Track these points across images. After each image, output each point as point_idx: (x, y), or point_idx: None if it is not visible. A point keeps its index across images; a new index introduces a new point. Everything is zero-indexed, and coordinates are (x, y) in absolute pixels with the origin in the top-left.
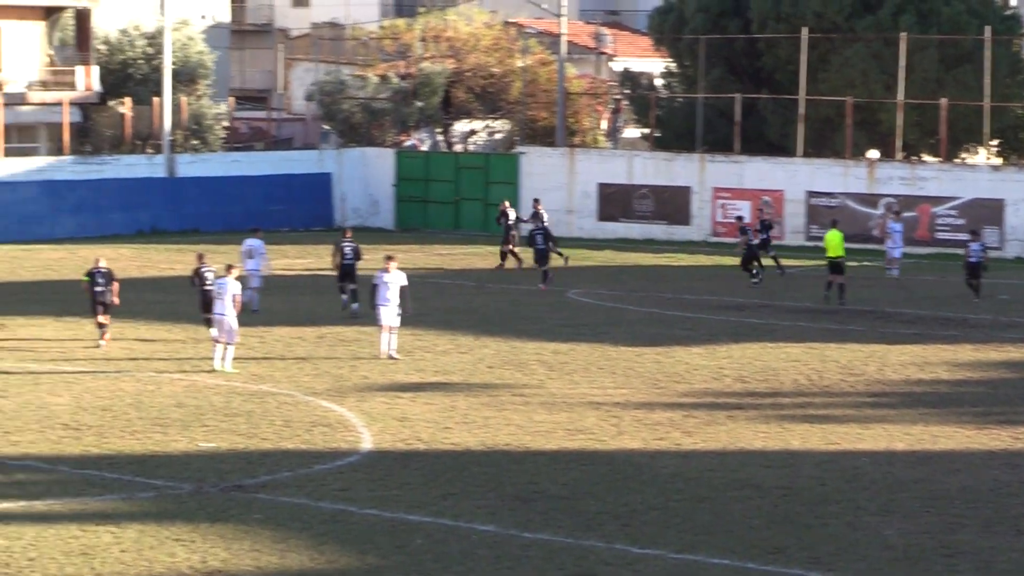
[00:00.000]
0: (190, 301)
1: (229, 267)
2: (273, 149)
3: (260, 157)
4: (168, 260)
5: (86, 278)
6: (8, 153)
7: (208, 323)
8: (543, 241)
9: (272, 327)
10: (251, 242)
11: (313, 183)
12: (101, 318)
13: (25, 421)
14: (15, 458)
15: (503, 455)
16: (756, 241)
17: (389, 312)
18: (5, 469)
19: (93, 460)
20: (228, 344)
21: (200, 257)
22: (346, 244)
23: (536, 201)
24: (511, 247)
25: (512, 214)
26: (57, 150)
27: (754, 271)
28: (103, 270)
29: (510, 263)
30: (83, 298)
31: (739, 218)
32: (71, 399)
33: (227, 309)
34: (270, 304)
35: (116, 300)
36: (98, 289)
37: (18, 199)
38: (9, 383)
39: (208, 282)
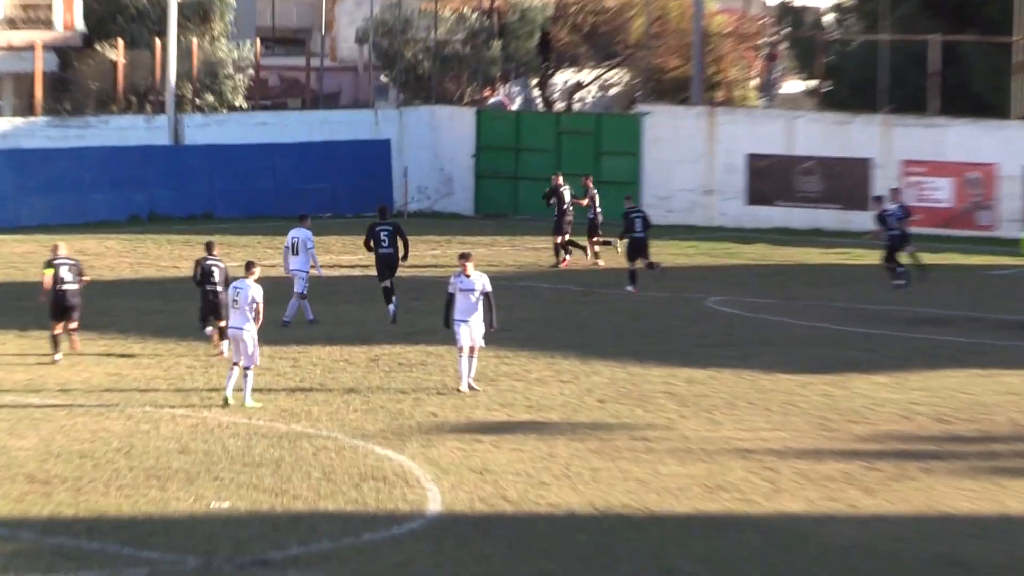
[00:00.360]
0: (194, 309)
1: (249, 265)
2: (313, 108)
3: (295, 118)
4: (171, 256)
5: (48, 269)
6: None
7: (220, 335)
8: (642, 227)
9: (309, 345)
10: (297, 233)
11: (366, 153)
12: (63, 326)
13: None
14: None
15: (618, 520)
16: (898, 232)
17: (470, 328)
18: None
19: (67, 524)
20: (247, 368)
21: (209, 247)
22: (382, 228)
23: (556, 174)
24: (565, 237)
25: (568, 194)
26: (26, 109)
27: (898, 269)
28: (68, 260)
29: (580, 257)
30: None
31: (877, 198)
32: (38, 442)
33: (245, 321)
34: (302, 316)
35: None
36: (64, 288)
37: None
38: None
39: (214, 279)
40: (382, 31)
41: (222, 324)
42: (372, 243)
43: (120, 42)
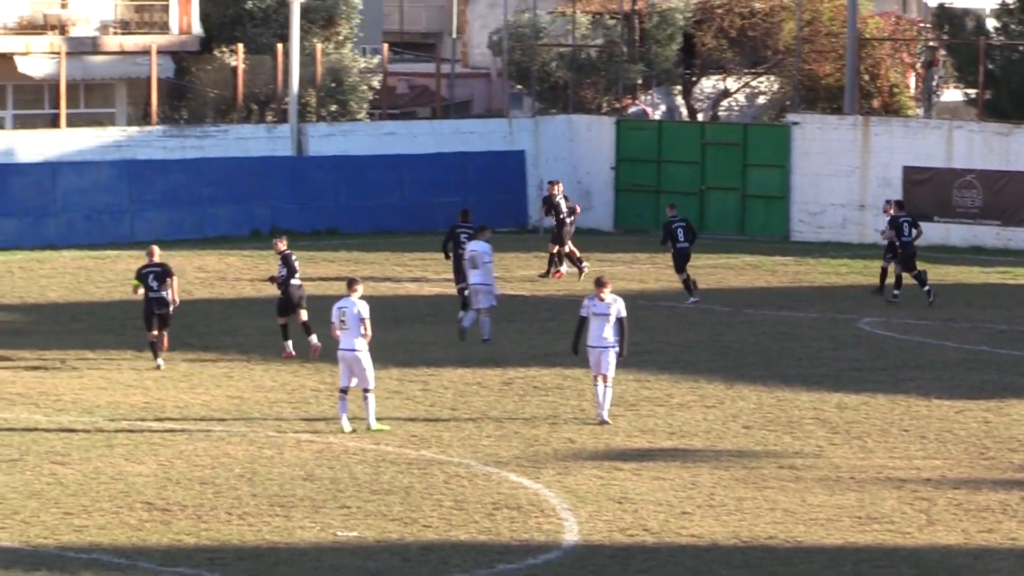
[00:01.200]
0: (321, 328)
1: (351, 283)
2: (444, 117)
3: (425, 128)
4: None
5: (136, 281)
6: (73, 122)
7: (285, 333)
8: (685, 237)
9: (440, 368)
10: (475, 246)
11: (499, 165)
12: (156, 332)
13: (94, 498)
14: (80, 549)
15: (764, 553)
16: (910, 237)
17: (602, 356)
18: (66, 564)
19: (187, 554)
20: (365, 391)
21: (279, 242)
22: (463, 231)
23: (552, 184)
24: (565, 248)
25: (564, 204)
26: (141, 118)
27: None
28: (156, 267)
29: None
30: (179, 325)
31: (890, 202)
32: (157, 468)
33: (356, 339)
34: (435, 337)
35: (176, 299)
36: (153, 295)
37: (86, 186)
38: (72, 445)
39: (279, 278)
40: (517, 36)
41: (281, 321)
42: (452, 246)
43: (240, 47)
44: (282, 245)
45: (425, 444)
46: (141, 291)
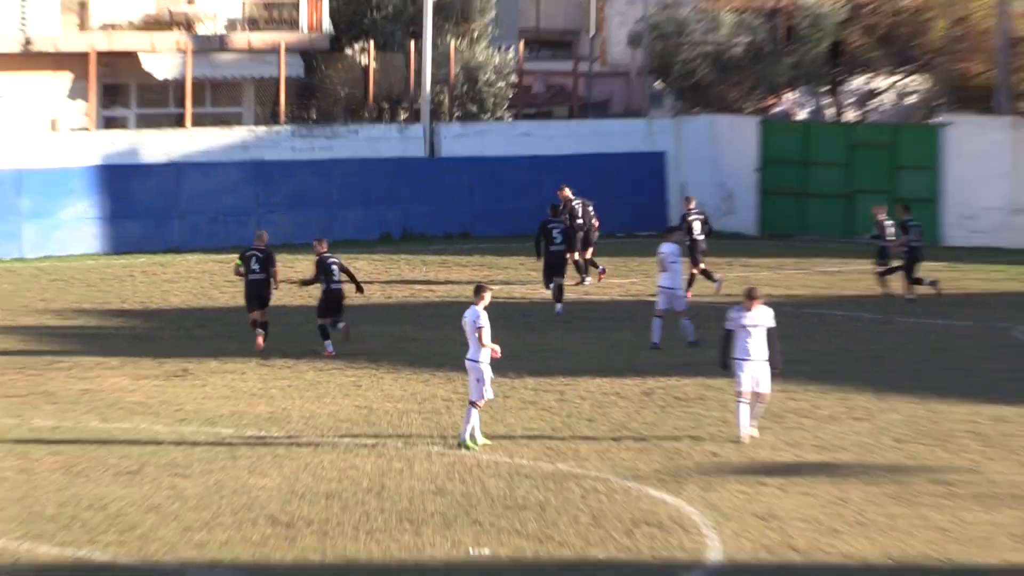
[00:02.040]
0: (455, 336)
1: (478, 290)
2: (581, 117)
3: (562, 129)
4: (425, 277)
5: (239, 261)
6: (199, 121)
7: (325, 333)
8: (701, 230)
9: (577, 377)
10: (663, 248)
11: (639, 167)
12: (260, 313)
13: (215, 512)
14: (201, 566)
15: (918, 572)
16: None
17: (752, 371)
18: None
19: (313, 571)
20: (472, 404)
21: (320, 243)
22: (554, 225)
23: (560, 189)
24: (586, 254)
25: (580, 208)
26: (269, 117)
27: (929, 281)
28: (260, 251)
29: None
30: (303, 331)
31: (905, 206)
32: (282, 481)
33: (477, 351)
34: (571, 345)
35: (277, 284)
36: (253, 277)
37: (212, 188)
38: (193, 457)
39: (334, 278)
40: (658, 33)
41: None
42: (543, 241)
43: (371, 44)
44: (322, 248)
45: (561, 457)
46: (242, 270)
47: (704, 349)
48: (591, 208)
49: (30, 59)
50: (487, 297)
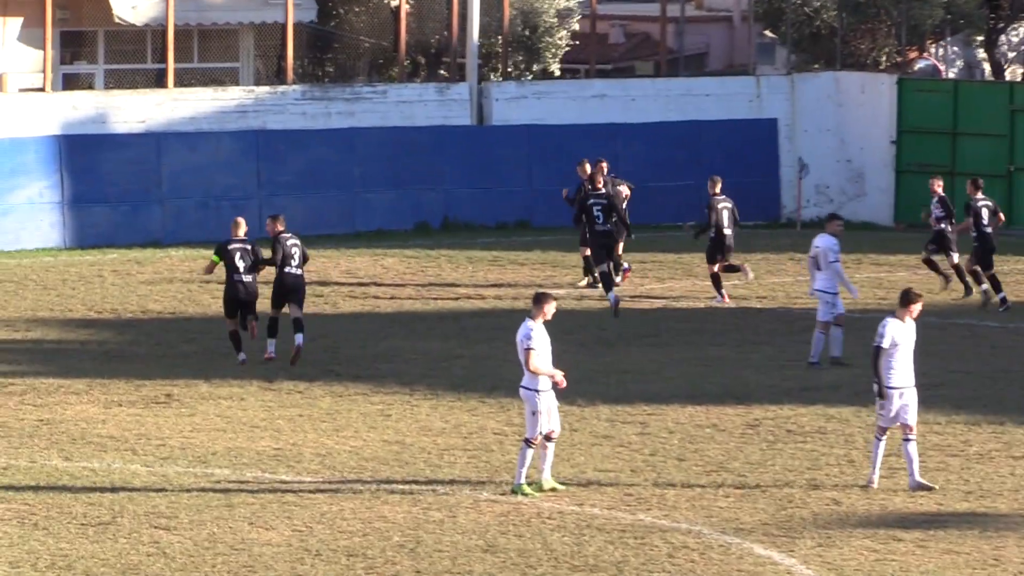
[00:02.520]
0: (509, 353)
1: (540, 299)
2: (671, 74)
3: (646, 88)
4: (472, 279)
5: (215, 257)
6: (185, 80)
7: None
8: (730, 220)
9: (663, 405)
10: (821, 242)
11: (743, 137)
12: (237, 323)
13: (207, 575)
14: None
15: None
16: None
17: (906, 399)
18: None
19: None
20: (547, 439)
21: (275, 220)
22: (595, 201)
23: (596, 163)
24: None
25: (625, 190)
26: (273, 75)
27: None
28: (243, 243)
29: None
30: (316, 347)
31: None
32: (291, 535)
33: (535, 378)
34: (656, 365)
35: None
36: (239, 278)
37: (202, 164)
38: (180, 504)
39: (294, 261)
40: None
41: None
42: (584, 219)
43: None
44: (277, 226)
45: (643, 505)
46: (217, 270)
47: (830, 368)
48: (624, 190)
49: None
50: (549, 309)
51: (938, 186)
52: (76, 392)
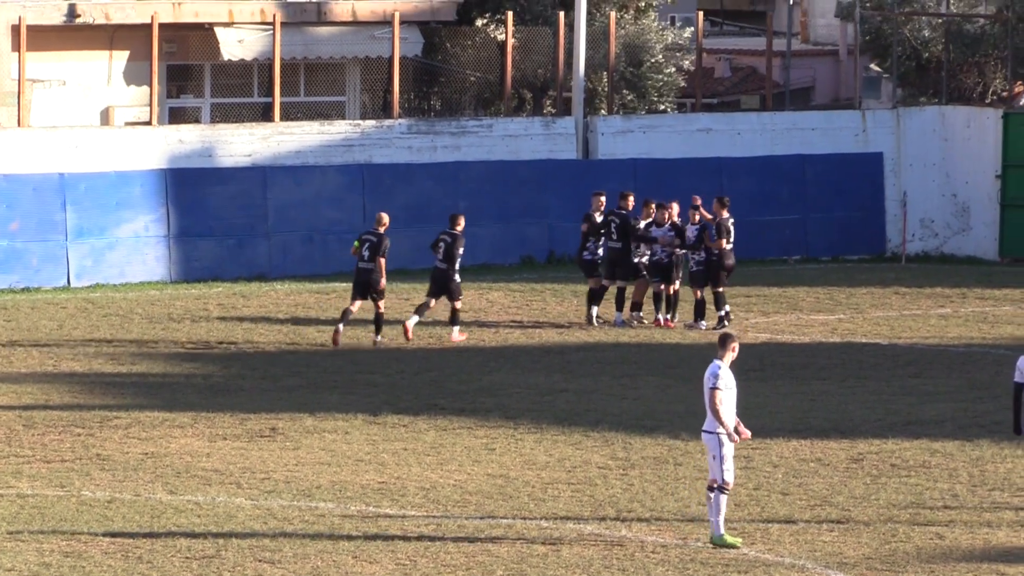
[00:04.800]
0: (613, 387)
1: (724, 339)
2: (777, 108)
3: (752, 123)
4: (577, 313)
5: (356, 242)
6: (291, 113)
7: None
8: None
9: (766, 439)
10: None
11: (849, 172)
12: (354, 307)
13: None
14: None
15: None
16: None
17: None
18: None
19: None
20: (719, 489)
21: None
22: (612, 219)
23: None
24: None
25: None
26: (379, 109)
27: None
28: (372, 236)
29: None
30: (421, 380)
31: None
32: (395, 568)
33: (713, 422)
34: (761, 398)
35: (383, 282)
36: (361, 265)
37: (308, 198)
38: (285, 538)
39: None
40: (873, 2)
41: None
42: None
43: (509, 16)
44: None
45: (747, 539)
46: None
47: (931, 400)
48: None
49: (76, 34)
50: (732, 350)
51: None
52: (181, 425)
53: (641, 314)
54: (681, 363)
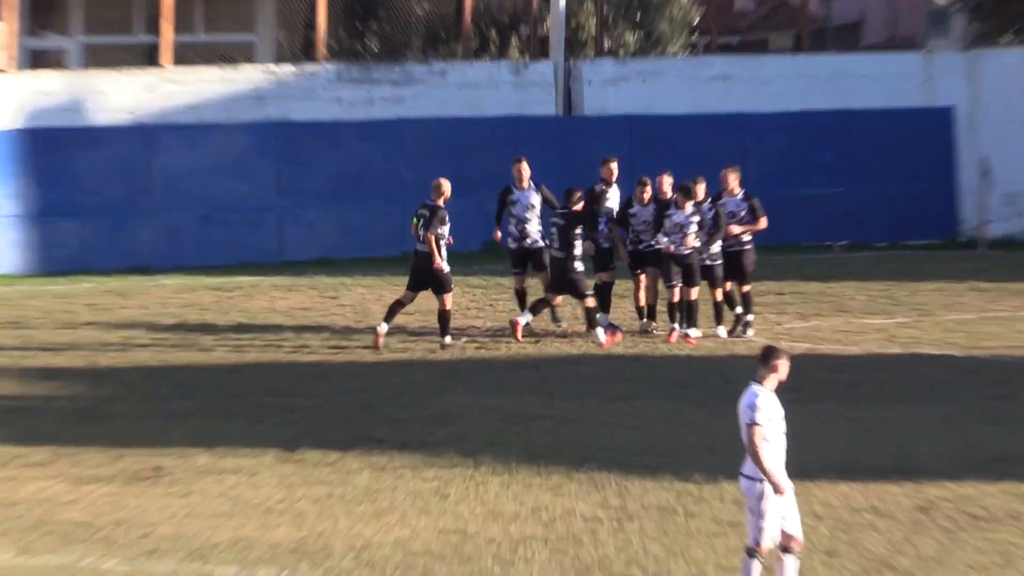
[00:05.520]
0: (604, 413)
1: (768, 355)
2: (815, 50)
3: (785, 68)
4: (559, 315)
5: (415, 219)
6: (185, 56)
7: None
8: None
9: (806, 481)
10: None
11: (908, 132)
12: (410, 299)
13: None
14: None
15: None
16: None
17: None
18: None
19: None
20: (782, 551)
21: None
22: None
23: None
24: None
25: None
26: (300, 51)
27: None
28: (427, 209)
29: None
30: (351, 403)
31: None
32: None
33: (747, 464)
34: (800, 424)
35: (439, 263)
36: (419, 248)
37: (206, 166)
38: None
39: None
40: None
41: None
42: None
43: None
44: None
45: None
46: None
47: (1022, 430)
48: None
49: None
50: (777, 369)
51: None
52: (37, 464)
53: (655, 323)
54: (693, 381)
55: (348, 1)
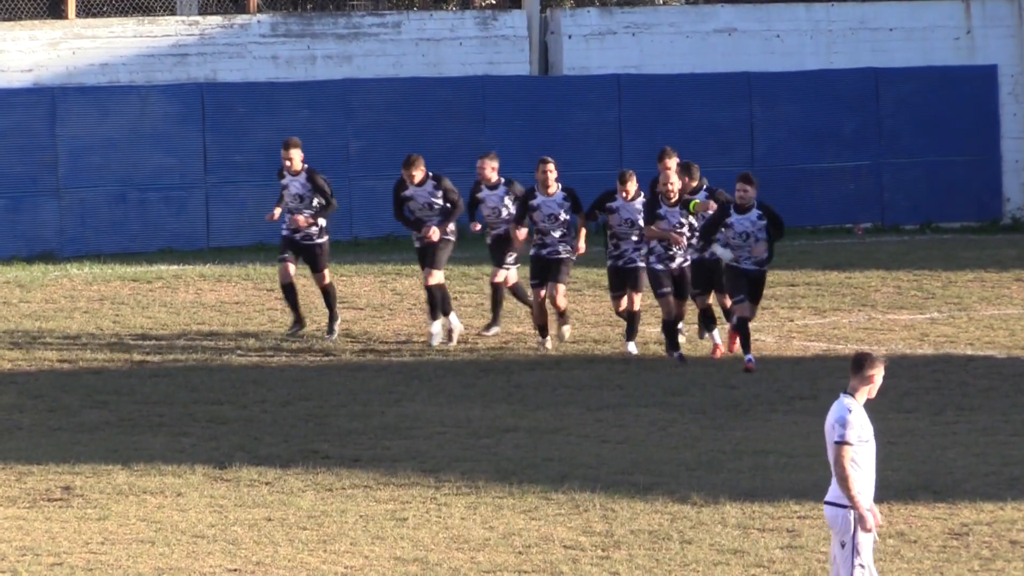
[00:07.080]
0: (584, 424)
1: (860, 363)
2: None
3: (797, 21)
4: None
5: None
6: (94, 7)
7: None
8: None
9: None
10: None
11: (949, 93)
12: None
13: None
14: None
15: None
16: None
17: None
18: None
19: None
20: None
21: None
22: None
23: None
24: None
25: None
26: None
27: None
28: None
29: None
30: (293, 413)
31: None
32: None
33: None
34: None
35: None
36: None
37: (119, 136)
38: None
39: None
40: None
41: None
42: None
43: None
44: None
45: None
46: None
47: None
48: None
49: None
50: (871, 380)
51: None
52: None
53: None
54: (689, 388)
55: None
